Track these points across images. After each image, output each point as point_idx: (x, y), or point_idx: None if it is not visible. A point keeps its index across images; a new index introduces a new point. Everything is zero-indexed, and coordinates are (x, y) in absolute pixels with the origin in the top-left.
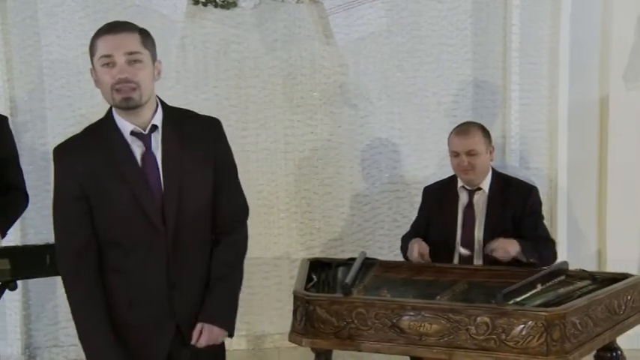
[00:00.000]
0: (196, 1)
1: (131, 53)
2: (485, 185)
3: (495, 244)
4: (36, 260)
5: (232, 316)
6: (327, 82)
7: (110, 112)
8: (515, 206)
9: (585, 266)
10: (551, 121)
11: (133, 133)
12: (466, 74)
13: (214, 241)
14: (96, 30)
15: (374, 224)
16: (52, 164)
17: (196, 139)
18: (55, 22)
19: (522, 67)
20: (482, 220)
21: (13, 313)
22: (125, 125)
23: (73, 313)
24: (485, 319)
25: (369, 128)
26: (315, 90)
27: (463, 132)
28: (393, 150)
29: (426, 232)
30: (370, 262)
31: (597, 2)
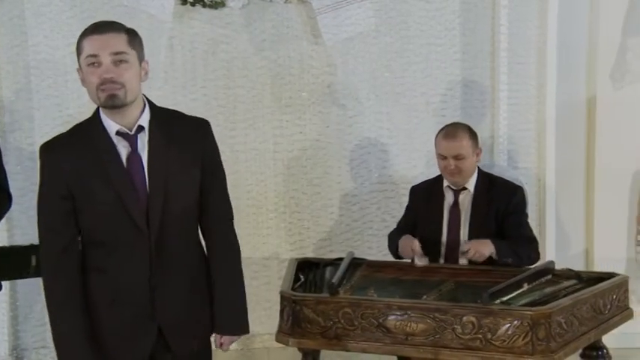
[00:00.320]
0: (184, 1)
1: (117, 53)
2: (471, 185)
3: (468, 245)
4: (21, 261)
5: (246, 317)
6: (316, 82)
7: (97, 112)
8: (499, 205)
9: (573, 265)
10: (539, 120)
11: (119, 134)
12: (454, 74)
13: (208, 247)
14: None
15: (362, 224)
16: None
17: (184, 139)
18: (42, 21)
19: (510, 67)
20: (467, 219)
21: (0, 314)
22: (111, 125)
23: (50, 312)
24: (471, 318)
25: (358, 128)
26: (304, 90)
27: (451, 135)
28: (382, 150)
29: (414, 231)
30: (358, 262)
31: (584, 2)
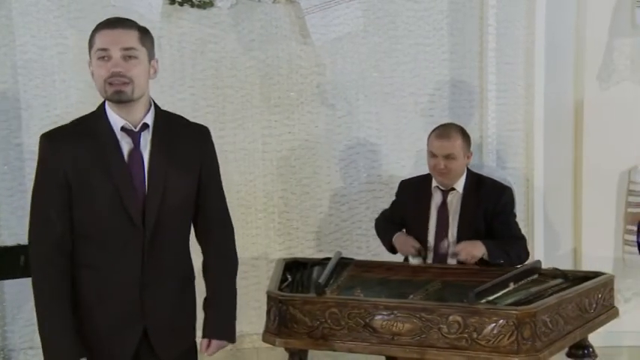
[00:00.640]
0: (172, 1)
1: (127, 49)
2: (459, 185)
3: (459, 247)
4: (10, 261)
5: (234, 326)
6: (305, 82)
7: (103, 106)
8: (488, 205)
9: (561, 265)
10: (527, 120)
11: (124, 129)
12: (443, 74)
13: (205, 252)
14: (71, 30)
15: (351, 224)
16: (26, 164)
17: (184, 143)
18: (29, 21)
19: (499, 67)
20: (456, 219)
21: None
22: (116, 120)
23: (37, 304)
24: (457, 318)
25: (347, 128)
26: (293, 90)
27: (444, 135)
28: (371, 150)
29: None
30: (346, 262)
31: (571, 3)
